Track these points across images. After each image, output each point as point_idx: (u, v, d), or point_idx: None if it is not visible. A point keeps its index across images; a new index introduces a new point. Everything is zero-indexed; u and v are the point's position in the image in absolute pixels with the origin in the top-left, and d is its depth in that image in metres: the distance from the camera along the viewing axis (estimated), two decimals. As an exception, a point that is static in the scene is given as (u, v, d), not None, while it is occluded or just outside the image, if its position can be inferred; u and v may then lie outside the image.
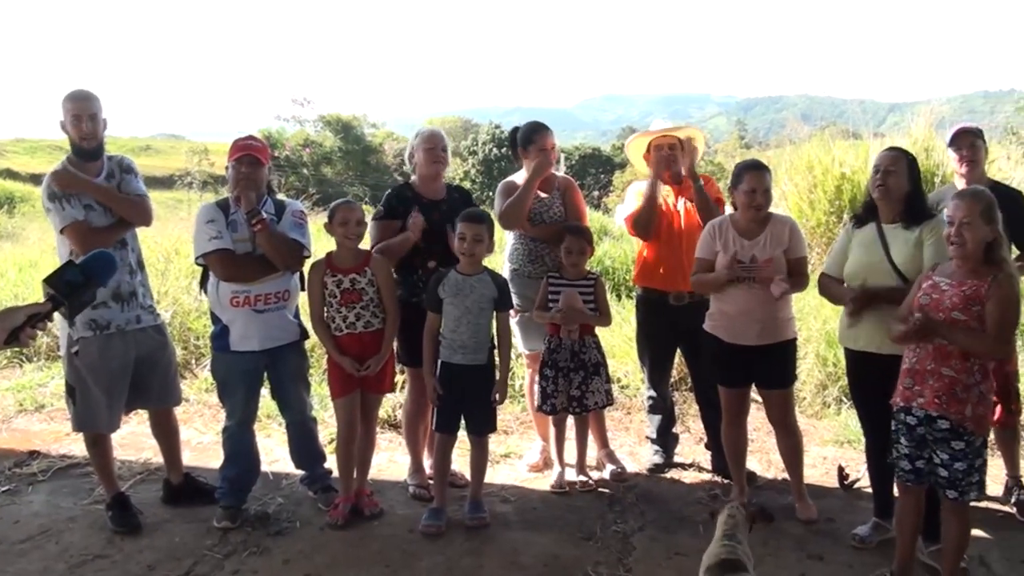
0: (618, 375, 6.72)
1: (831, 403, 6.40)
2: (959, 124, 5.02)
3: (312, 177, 41.55)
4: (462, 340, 4.44)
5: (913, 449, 3.68)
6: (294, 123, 49.92)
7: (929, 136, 10.30)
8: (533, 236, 5.13)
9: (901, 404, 3.69)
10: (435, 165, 4.85)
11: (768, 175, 4.51)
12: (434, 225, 4.72)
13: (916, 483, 3.73)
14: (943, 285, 3.59)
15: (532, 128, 5.21)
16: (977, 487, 3.60)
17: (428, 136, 4.93)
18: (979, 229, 3.48)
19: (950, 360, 3.52)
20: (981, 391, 3.54)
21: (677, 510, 4.74)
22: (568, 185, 5.31)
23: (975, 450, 3.55)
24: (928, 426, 3.58)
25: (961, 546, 3.72)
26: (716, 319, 4.60)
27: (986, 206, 3.51)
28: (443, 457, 4.61)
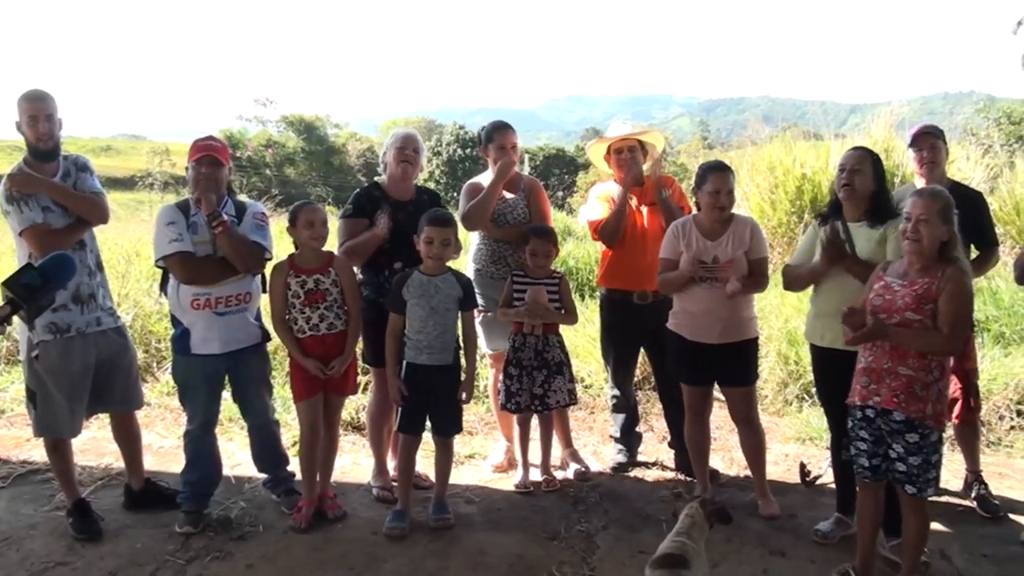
0: (582, 375, 6.74)
1: (792, 401, 6.48)
2: (919, 125, 5.09)
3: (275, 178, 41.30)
4: (428, 341, 4.42)
5: (871, 446, 3.72)
6: (256, 123, 49.71)
7: (889, 137, 10.45)
8: (497, 238, 5.14)
9: (858, 402, 3.73)
10: (402, 165, 4.82)
11: (731, 176, 4.56)
12: (401, 226, 4.71)
13: (874, 480, 3.78)
14: (895, 286, 3.64)
15: (494, 126, 5.23)
16: (934, 483, 3.65)
17: (400, 137, 4.92)
18: (936, 227, 3.53)
19: (907, 359, 3.56)
20: (939, 388, 3.59)
21: (640, 508, 4.76)
22: (533, 186, 5.31)
23: (931, 445, 3.60)
24: (885, 422, 3.63)
25: (921, 540, 3.77)
26: (679, 318, 4.63)
27: (944, 205, 3.56)
28: (407, 458, 4.59)
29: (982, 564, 4.16)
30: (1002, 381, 6.24)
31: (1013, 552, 4.27)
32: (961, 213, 4.34)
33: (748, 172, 11.00)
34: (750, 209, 10.16)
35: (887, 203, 4.18)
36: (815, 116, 16.58)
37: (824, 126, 13.21)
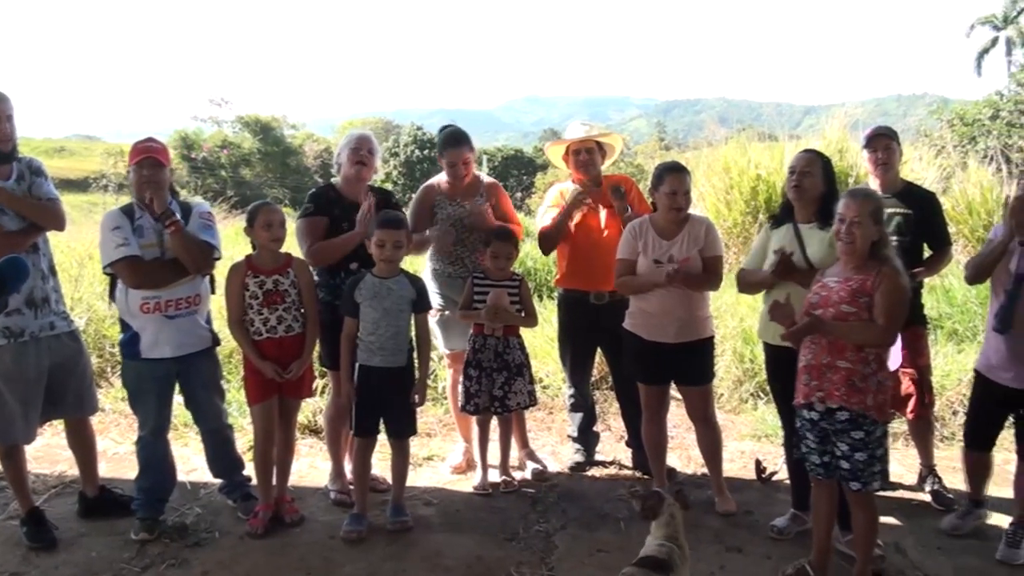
0: (540, 375, 6.75)
1: (748, 399, 6.55)
2: (873, 126, 5.16)
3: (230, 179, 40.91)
4: (381, 343, 4.40)
5: (818, 444, 3.78)
6: (212, 124, 49.20)
7: (843, 138, 10.58)
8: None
9: (802, 401, 3.78)
10: (356, 166, 4.79)
11: (688, 177, 4.59)
12: (353, 226, 4.68)
13: (826, 476, 3.82)
14: (831, 283, 3.72)
15: (445, 141, 5.18)
16: (879, 477, 3.70)
17: (355, 138, 4.89)
18: (868, 228, 3.61)
19: (845, 352, 3.62)
20: (879, 380, 3.65)
21: (599, 507, 4.78)
22: (494, 189, 5.30)
23: (875, 440, 3.65)
24: (829, 418, 3.68)
25: (871, 534, 3.83)
26: (636, 317, 4.65)
27: (875, 207, 3.65)
28: (363, 461, 4.56)
29: (936, 556, 4.23)
30: (955, 377, 6.37)
31: (967, 544, 4.35)
32: (915, 213, 4.41)
33: (704, 173, 11.09)
34: (706, 209, 10.24)
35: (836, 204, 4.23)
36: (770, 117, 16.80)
37: (779, 127, 13.38)
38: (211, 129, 48.27)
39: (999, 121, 25.82)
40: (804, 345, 3.77)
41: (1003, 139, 20.97)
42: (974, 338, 7.03)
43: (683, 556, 3.34)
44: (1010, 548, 4.18)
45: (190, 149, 42.51)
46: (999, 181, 10.08)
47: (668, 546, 3.32)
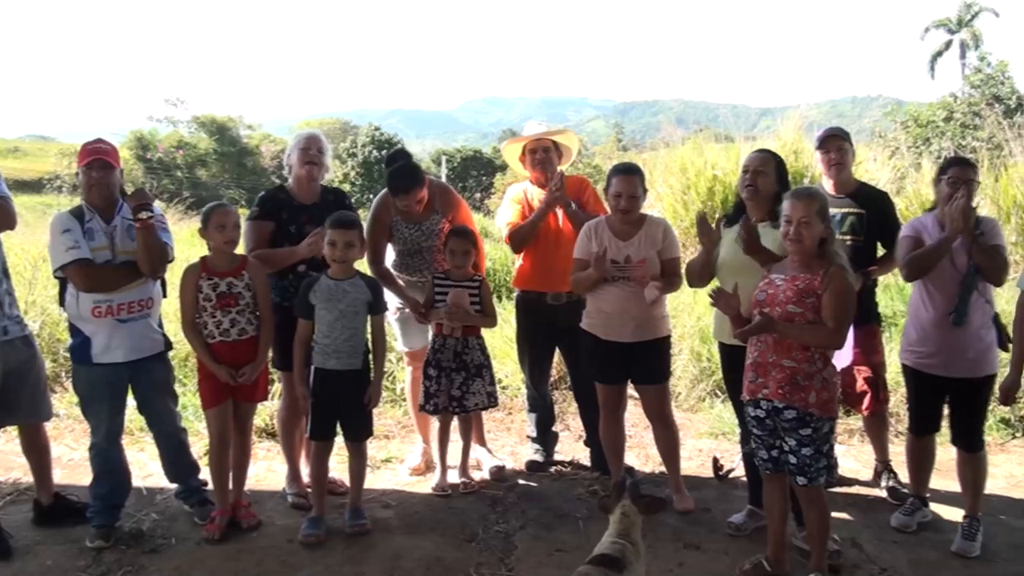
0: (499, 376, 6.72)
1: (705, 397, 6.60)
2: (826, 128, 5.22)
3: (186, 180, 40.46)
4: (336, 345, 4.37)
5: (766, 438, 3.82)
6: (167, 124, 48.59)
7: (798, 139, 10.70)
8: None
9: (748, 397, 3.83)
10: (307, 166, 4.75)
11: (636, 178, 4.59)
12: (306, 229, 4.65)
13: (775, 471, 3.87)
14: (777, 281, 3.75)
15: (393, 189, 4.95)
16: (826, 472, 3.76)
17: (304, 138, 4.86)
18: (815, 227, 3.65)
19: (791, 351, 3.66)
20: (823, 377, 3.69)
21: (557, 507, 4.79)
22: (448, 199, 5.22)
23: (822, 436, 3.70)
24: (776, 417, 3.73)
25: (823, 529, 3.87)
26: (593, 317, 4.67)
27: (821, 205, 3.69)
28: (320, 465, 4.53)
29: (892, 550, 4.30)
30: (909, 373, 6.43)
31: (922, 537, 4.43)
32: (868, 213, 4.47)
33: (661, 174, 11.16)
34: (663, 210, 10.31)
35: None
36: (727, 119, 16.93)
37: (735, 128, 13.51)
38: (167, 129, 47.73)
39: (953, 123, 26.28)
40: (751, 343, 3.81)
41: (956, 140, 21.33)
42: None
43: (637, 553, 3.34)
44: (966, 540, 4.26)
45: (145, 149, 41.96)
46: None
47: (621, 543, 3.32)
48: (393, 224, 5.07)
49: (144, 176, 36.82)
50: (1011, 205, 9.03)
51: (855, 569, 4.10)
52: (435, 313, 4.88)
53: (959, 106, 27.87)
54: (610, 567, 3.18)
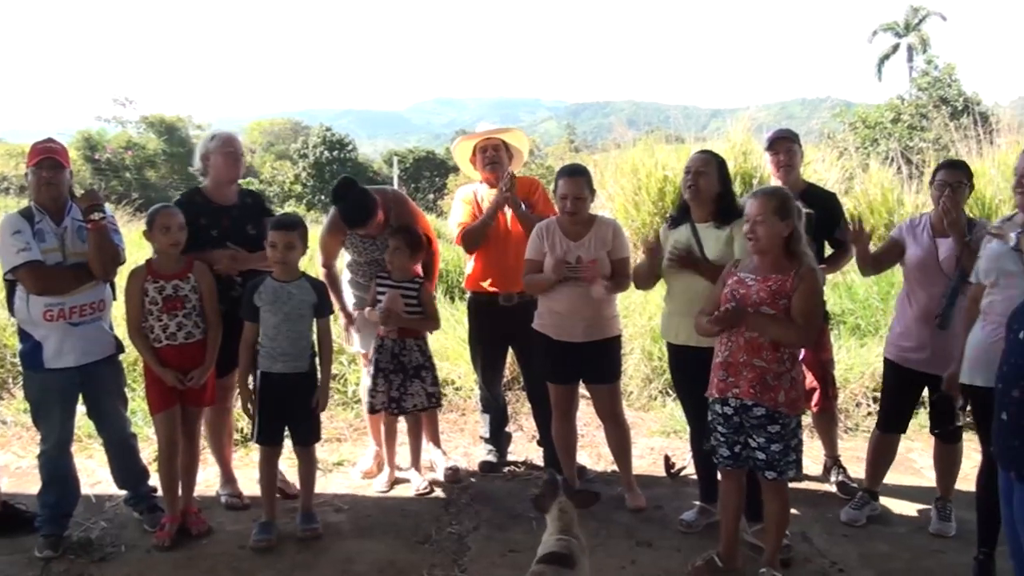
0: (452, 377, 6.76)
1: (657, 396, 6.66)
2: (775, 129, 5.28)
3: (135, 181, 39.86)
4: (282, 348, 4.32)
5: (730, 435, 3.85)
6: (115, 124, 47.83)
7: (747, 140, 10.78)
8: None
9: (716, 396, 3.85)
10: (235, 169, 4.71)
11: (582, 180, 4.58)
12: (226, 232, 4.60)
13: (735, 467, 3.91)
14: (748, 280, 3.77)
15: (347, 222, 4.92)
16: (794, 466, 3.81)
17: (228, 139, 4.77)
18: (773, 225, 3.68)
19: (761, 352, 3.70)
20: (792, 377, 3.75)
21: (510, 507, 4.80)
22: (401, 207, 5.15)
23: (790, 432, 3.75)
24: (744, 414, 3.76)
25: (782, 523, 3.93)
26: (544, 318, 4.67)
27: (779, 203, 3.71)
28: (269, 470, 4.48)
29: (842, 543, 4.38)
30: (858, 370, 6.59)
31: (872, 530, 4.51)
32: (816, 213, 4.54)
33: (613, 174, 11.19)
34: (615, 210, 10.34)
35: (733, 204, 4.32)
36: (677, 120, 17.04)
37: (686, 130, 13.57)
38: (115, 129, 46.98)
39: (900, 124, 26.76)
40: (721, 342, 3.83)
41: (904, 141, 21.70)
42: (876, 332, 7.27)
43: (581, 547, 3.36)
44: (942, 521, 4.45)
45: (93, 150, 41.26)
46: (900, 182, 10.43)
47: (565, 539, 3.33)
48: (348, 237, 5.05)
49: (92, 177, 36.22)
50: (958, 204, 9.22)
51: (806, 563, 4.16)
52: (371, 314, 4.86)
53: (907, 108, 28.39)
54: (561, 564, 3.19)
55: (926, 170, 11.04)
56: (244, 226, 4.64)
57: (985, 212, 8.91)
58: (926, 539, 4.44)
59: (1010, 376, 2.76)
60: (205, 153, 4.71)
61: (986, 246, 3.84)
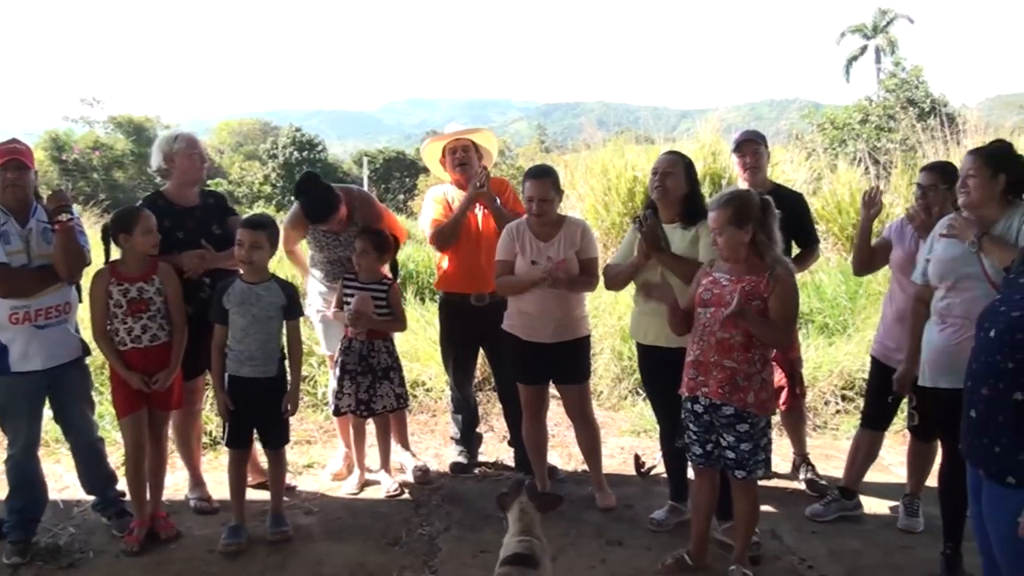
0: (423, 378, 6.74)
1: (627, 395, 6.68)
2: (742, 131, 5.32)
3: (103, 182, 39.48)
4: (250, 352, 4.29)
5: (702, 434, 3.87)
6: (83, 124, 47.35)
7: (716, 141, 10.85)
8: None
9: (687, 394, 3.87)
10: (200, 170, 4.69)
11: (547, 182, 4.56)
12: (190, 234, 4.56)
13: (707, 466, 3.93)
14: (723, 280, 3.78)
15: (309, 217, 4.90)
16: (763, 465, 3.83)
17: (192, 140, 4.73)
18: (732, 235, 3.70)
19: (732, 352, 3.71)
20: (763, 378, 3.77)
21: (481, 508, 4.79)
22: (366, 208, 5.15)
23: (760, 431, 3.78)
24: (714, 413, 3.78)
25: (752, 521, 3.96)
26: (513, 318, 4.68)
27: (734, 212, 3.71)
28: (237, 472, 4.45)
29: (811, 540, 4.42)
30: (827, 369, 6.65)
31: (840, 527, 4.55)
32: (783, 213, 4.59)
33: (583, 175, 11.22)
34: (584, 211, 10.38)
35: (700, 205, 4.33)
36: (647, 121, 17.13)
37: (656, 130, 13.64)
38: (83, 130, 46.51)
39: (868, 125, 26.99)
40: (693, 341, 3.84)
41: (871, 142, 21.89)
42: (844, 331, 7.33)
43: (543, 547, 3.38)
44: (910, 517, 4.50)
45: (61, 151, 40.83)
46: (868, 182, 10.51)
47: (527, 540, 3.34)
48: (310, 232, 5.03)
49: (59, 178, 35.84)
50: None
51: (775, 560, 4.19)
52: (337, 315, 4.85)
53: (874, 109, 28.65)
54: (526, 565, 3.21)
55: (894, 171, 11.18)
56: (209, 227, 4.61)
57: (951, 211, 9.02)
58: (895, 535, 4.48)
59: (980, 374, 2.79)
60: (169, 155, 4.65)
61: (934, 246, 3.87)
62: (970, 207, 3.72)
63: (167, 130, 4.94)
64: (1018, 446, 2.64)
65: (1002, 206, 3.67)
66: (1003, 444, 2.68)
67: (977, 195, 3.67)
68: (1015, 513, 2.60)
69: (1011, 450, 2.66)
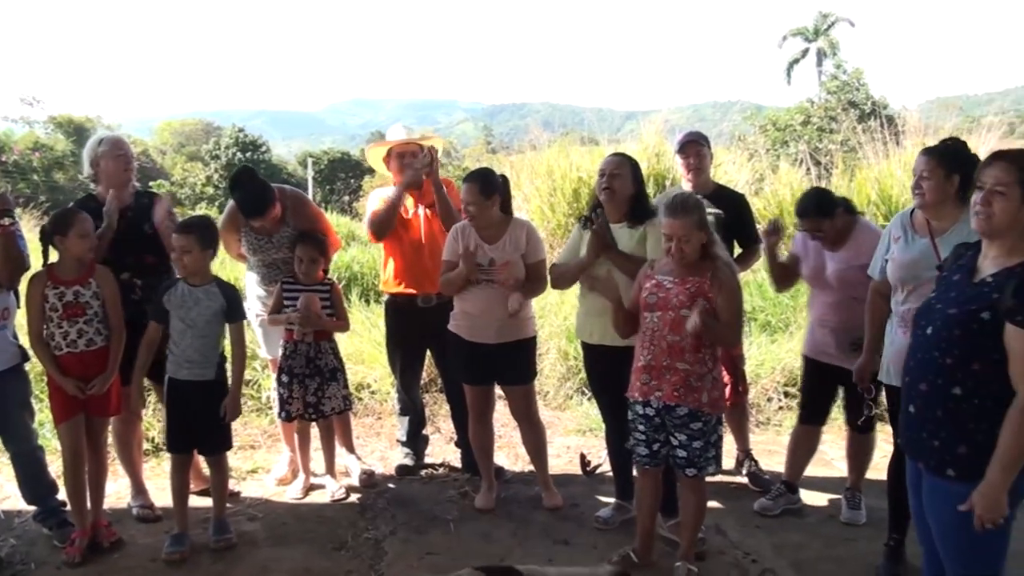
0: (368, 380, 6.70)
1: (573, 395, 6.72)
2: (685, 132, 5.38)
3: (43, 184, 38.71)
4: (188, 355, 4.22)
5: (651, 434, 3.88)
6: (23, 124, 46.34)
7: (660, 142, 10.94)
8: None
9: (639, 398, 3.87)
10: (127, 173, 4.61)
11: (475, 186, 4.51)
12: (123, 234, 4.50)
13: (653, 465, 3.95)
14: (667, 283, 3.81)
15: (244, 212, 4.84)
16: (714, 461, 3.87)
17: (117, 142, 4.67)
18: (696, 240, 3.74)
19: (684, 354, 3.74)
20: (713, 376, 3.81)
21: (428, 510, 4.78)
22: (299, 207, 5.08)
23: (711, 428, 3.82)
24: (667, 415, 3.80)
25: (699, 518, 4.00)
26: (458, 319, 4.67)
27: (698, 217, 3.76)
28: (179, 478, 4.37)
29: (756, 534, 4.48)
30: (769, 366, 6.76)
31: (784, 521, 4.62)
32: (726, 214, 4.64)
33: (528, 176, 11.25)
34: (530, 212, 10.41)
35: (646, 205, 4.38)
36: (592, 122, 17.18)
37: (600, 132, 13.73)
38: (22, 130, 45.53)
39: (810, 127, 27.47)
40: (643, 345, 3.85)
41: (813, 143, 22.25)
42: (786, 329, 7.46)
43: None
44: (852, 510, 4.58)
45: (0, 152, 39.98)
46: (809, 183, 10.68)
47: None
48: (243, 234, 4.96)
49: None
50: (865, 203, 9.50)
51: (720, 555, 4.24)
52: (284, 317, 4.79)
53: (816, 111, 29.16)
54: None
55: (835, 171, 11.38)
56: (140, 226, 4.54)
57: (892, 211, 9.20)
58: (837, 528, 4.56)
59: (917, 370, 2.85)
60: (95, 159, 4.58)
61: (891, 246, 3.90)
62: (926, 209, 3.68)
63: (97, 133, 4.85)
64: (957, 440, 2.70)
65: (956, 206, 3.60)
66: (942, 438, 2.74)
67: (932, 197, 3.60)
68: (955, 506, 2.66)
69: (950, 444, 2.72)
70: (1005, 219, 2.66)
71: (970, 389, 2.67)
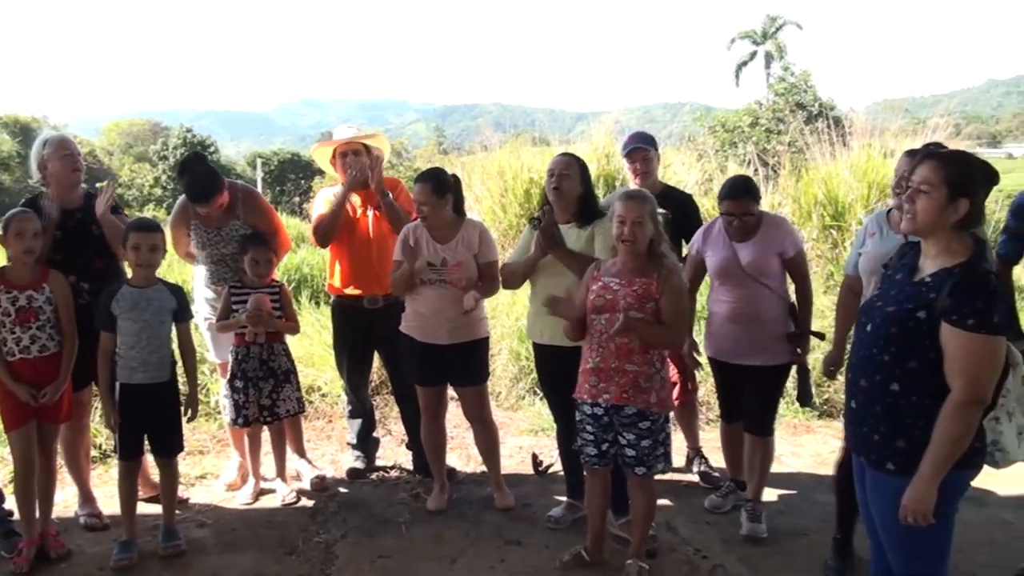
0: (318, 383, 6.66)
1: (525, 395, 6.73)
2: (631, 134, 5.42)
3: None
4: (143, 357, 4.16)
5: (599, 434, 3.90)
6: (-33, 125, 45.49)
7: (610, 143, 11.00)
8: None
9: (588, 400, 3.89)
10: (76, 173, 4.53)
11: (428, 186, 4.49)
12: (71, 235, 4.43)
13: (602, 465, 3.97)
14: (613, 285, 3.83)
15: (191, 197, 4.79)
16: (663, 459, 3.89)
17: (63, 142, 4.58)
18: (648, 228, 3.77)
19: (632, 356, 3.76)
20: (662, 377, 3.84)
21: (379, 513, 4.76)
22: (250, 201, 5.05)
23: (659, 427, 3.84)
24: (615, 414, 3.82)
25: (649, 516, 4.03)
26: (410, 320, 4.65)
27: (652, 208, 3.82)
28: (128, 485, 4.30)
29: (706, 531, 4.53)
30: (718, 364, 6.75)
31: (734, 517, 4.64)
32: (673, 214, 4.68)
33: (480, 176, 11.25)
34: (482, 212, 10.41)
35: (594, 205, 4.42)
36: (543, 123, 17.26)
37: (552, 133, 13.77)
38: (-33, 130, 44.73)
39: (758, 128, 27.79)
40: (591, 347, 3.87)
41: (761, 144, 22.51)
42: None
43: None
44: (753, 523, 4.47)
45: (-56, 153, 39.21)
46: (757, 182, 10.80)
47: None
48: (193, 228, 4.90)
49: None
50: (812, 203, 9.64)
51: (671, 552, 4.28)
52: (235, 321, 4.73)
53: (764, 112, 29.52)
54: None
55: (782, 172, 11.51)
56: (88, 227, 4.47)
57: (839, 211, 9.34)
58: (787, 522, 4.61)
59: (858, 367, 2.89)
60: (42, 162, 4.51)
61: (866, 240, 3.94)
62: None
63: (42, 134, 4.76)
64: (896, 435, 2.75)
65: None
66: (882, 433, 2.78)
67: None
68: (896, 498, 2.71)
69: (889, 438, 2.77)
70: (928, 218, 2.68)
71: (907, 386, 2.72)
